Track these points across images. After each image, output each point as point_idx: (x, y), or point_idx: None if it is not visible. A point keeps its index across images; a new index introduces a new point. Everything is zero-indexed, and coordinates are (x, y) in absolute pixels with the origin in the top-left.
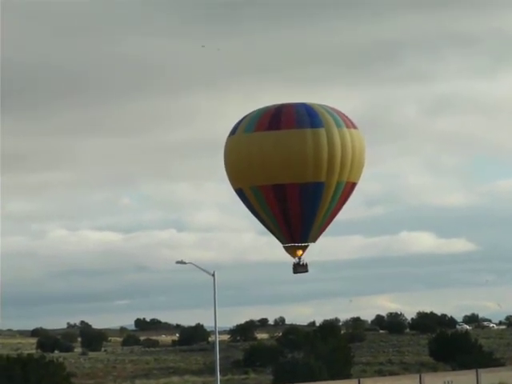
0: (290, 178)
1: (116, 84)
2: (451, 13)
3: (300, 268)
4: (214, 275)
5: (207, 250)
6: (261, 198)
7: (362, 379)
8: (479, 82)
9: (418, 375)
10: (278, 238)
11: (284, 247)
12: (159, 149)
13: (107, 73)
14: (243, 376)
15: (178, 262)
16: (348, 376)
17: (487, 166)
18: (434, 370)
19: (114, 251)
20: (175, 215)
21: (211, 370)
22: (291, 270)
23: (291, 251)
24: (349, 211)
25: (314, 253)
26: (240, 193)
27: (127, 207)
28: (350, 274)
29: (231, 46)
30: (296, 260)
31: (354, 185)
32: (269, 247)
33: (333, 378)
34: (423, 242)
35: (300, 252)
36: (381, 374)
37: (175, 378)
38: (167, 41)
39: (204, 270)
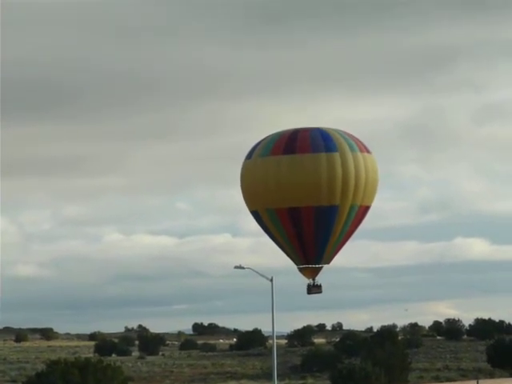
0: (305, 201)
1: (174, 90)
2: (503, 21)
3: (314, 289)
4: (271, 280)
5: (262, 255)
6: (276, 220)
7: None
8: None
9: (475, 382)
10: (292, 260)
11: (298, 268)
12: (215, 154)
13: (166, 79)
14: (300, 381)
15: (236, 267)
16: (405, 382)
17: None
18: (492, 376)
19: (169, 256)
20: (230, 220)
21: (268, 375)
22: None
23: (305, 272)
24: (403, 217)
25: (369, 259)
26: (256, 215)
27: (182, 212)
28: (406, 280)
29: (288, 55)
30: (310, 281)
31: (367, 208)
32: None
33: (390, 383)
34: (477, 248)
35: (314, 273)
36: (438, 380)
37: (232, 383)
38: (229, 48)
39: (262, 275)
